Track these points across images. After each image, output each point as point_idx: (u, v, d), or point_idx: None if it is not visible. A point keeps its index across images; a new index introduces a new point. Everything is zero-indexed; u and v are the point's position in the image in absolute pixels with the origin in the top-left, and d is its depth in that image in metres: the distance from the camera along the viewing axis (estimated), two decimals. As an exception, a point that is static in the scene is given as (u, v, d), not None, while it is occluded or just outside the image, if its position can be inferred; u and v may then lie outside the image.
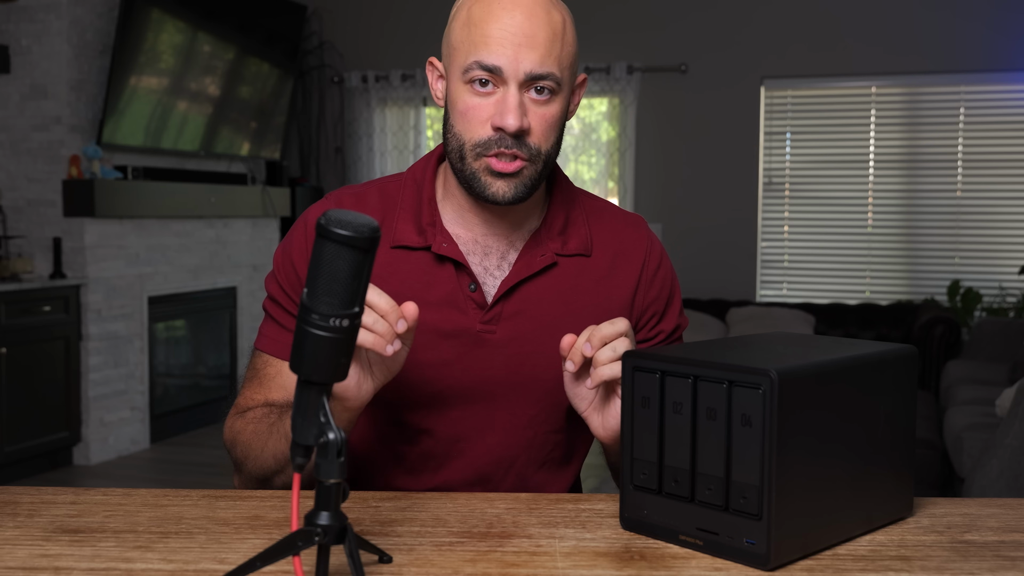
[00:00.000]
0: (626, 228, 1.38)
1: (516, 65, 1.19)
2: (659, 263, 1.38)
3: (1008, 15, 5.75)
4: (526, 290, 1.30)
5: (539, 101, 1.21)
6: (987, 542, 1.02)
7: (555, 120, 1.24)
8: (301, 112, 6.79)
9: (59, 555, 0.97)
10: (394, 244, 1.29)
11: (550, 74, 1.20)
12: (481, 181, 1.23)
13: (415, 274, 1.28)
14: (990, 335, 5.29)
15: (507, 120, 1.19)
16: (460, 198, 1.30)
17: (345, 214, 0.85)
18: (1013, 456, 2.96)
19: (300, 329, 0.86)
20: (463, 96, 1.22)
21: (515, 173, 1.22)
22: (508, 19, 1.19)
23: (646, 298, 1.36)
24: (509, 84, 1.20)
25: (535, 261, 1.30)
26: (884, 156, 6.06)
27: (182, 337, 5.74)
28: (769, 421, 0.91)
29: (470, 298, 1.28)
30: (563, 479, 1.37)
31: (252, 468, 1.27)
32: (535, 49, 1.19)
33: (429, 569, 0.93)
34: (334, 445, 0.85)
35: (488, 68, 1.19)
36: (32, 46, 4.91)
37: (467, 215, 1.31)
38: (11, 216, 4.97)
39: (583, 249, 1.33)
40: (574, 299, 1.31)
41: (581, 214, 1.36)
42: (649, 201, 6.36)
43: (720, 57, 6.19)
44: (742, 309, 5.85)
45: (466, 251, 1.30)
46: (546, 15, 1.21)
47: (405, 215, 1.30)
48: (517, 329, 1.28)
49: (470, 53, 1.21)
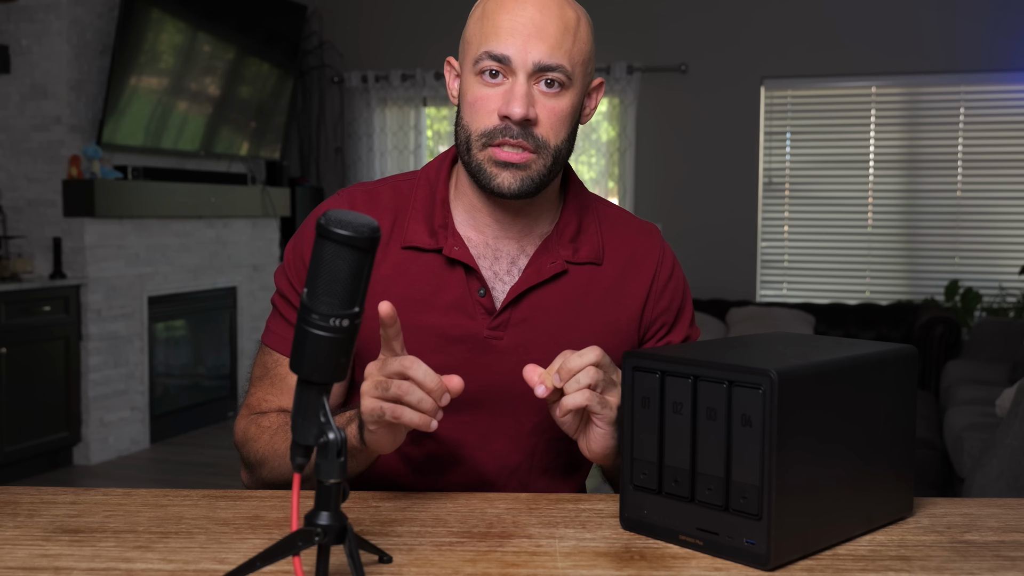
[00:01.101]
0: (638, 237, 1.37)
1: (525, 55, 1.19)
2: (671, 273, 1.37)
3: (1008, 15, 5.75)
4: (535, 297, 1.29)
5: (548, 94, 1.21)
6: (987, 542, 1.02)
7: (564, 114, 1.23)
8: (301, 112, 6.79)
9: (59, 555, 0.97)
10: (405, 245, 1.29)
11: (559, 66, 1.20)
12: (487, 172, 1.22)
13: (425, 276, 1.28)
14: (990, 335, 5.29)
15: (512, 108, 1.19)
16: (472, 197, 1.30)
17: (345, 214, 0.85)
18: (1013, 456, 2.96)
19: (300, 329, 0.86)
20: (473, 87, 1.23)
21: (522, 165, 1.21)
22: (520, 11, 1.20)
23: (656, 309, 1.35)
24: (518, 74, 1.20)
25: (545, 268, 1.29)
26: (884, 156, 6.06)
27: (182, 337, 5.74)
28: (769, 421, 0.91)
29: (479, 303, 1.27)
30: (566, 489, 1.36)
31: (267, 475, 1.27)
32: (545, 40, 1.19)
33: (429, 569, 0.93)
34: (334, 445, 0.86)
35: (497, 57, 1.20)
36: (32, 46, 4.91)
37: (479, 216, 1.30)
38: (11, 216, 4.97)
39: (594, 257, 1.32)
40: (583, 308, 1.30)
41: (594, 221, 1.35)
42: (649, 201, 6.36)
43: (720, 57, 6.19)
44: (742, 309, 5.85)
45: (477, 254, 1.29)
46: (559, 10, 1.21)
47: (417, 215, 1.30)
48: (524, 336, 1.27)
49: (481, 44, 1.21)
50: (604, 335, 1.30)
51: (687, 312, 1.39)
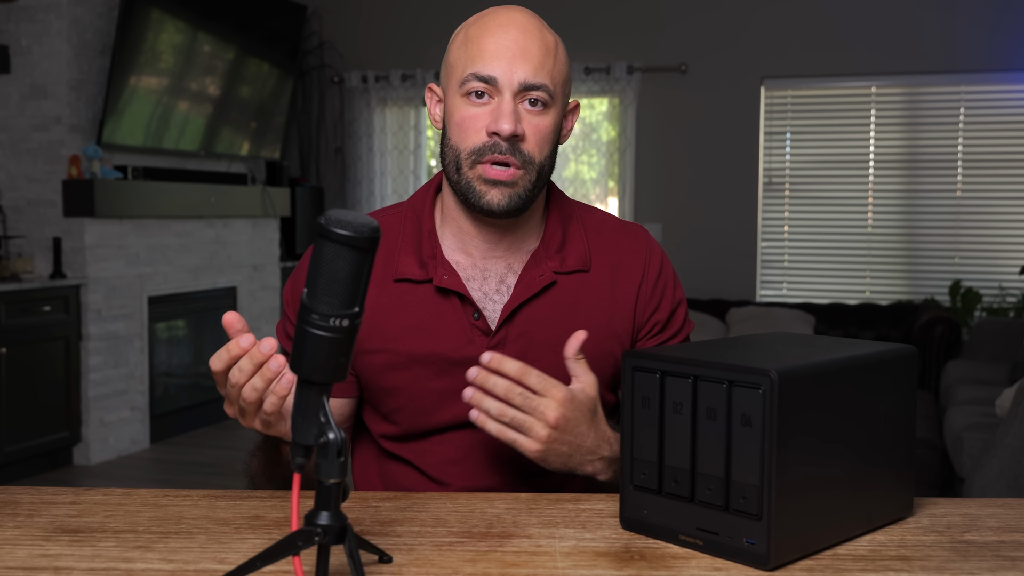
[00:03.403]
0: (624, 239, 1.39)
1: (511, 75, 1.25)
2: (659, 271, 1.39)
3: (1008, 15, 5.75)
4: (528, 312, 1.32)
5: (533, 112, 1.27)
6: (987, 542, 1.02)
7: (548, 132, 1.28)
8: (301, 112, 6.79)
9: (59, 555, 0.97)
10: (397, 278, 1.32)
11: (543, 85, 1.26)
12: (476, 190, 1.26)
13: (423, 306, 1.31)
14: (990, 335, 5.29)
15: (502, 124, 1.23)
16: (459, 220, 1.33)
17: (345, 214, 0.85)
18: (1013, 456, 2.96)
19: (300, 329, 0.86)
20: (460, 108, 1.27)
21: (510, 182, 1.25)
22: (503, 35, 1.26)
23: (648, 307, 1.37)
24: (504, 93, 1.25)
25: (534, 282, 1.32)
26: (884, 156, 6.06)
27: (182, 337, 5.74)
28: (769, 421, 0.91)
29: (475, 326, 1.31)
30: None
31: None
32: (529, 61, 1.25)
33: (429, 569, 0.93)
34: (334, 445, 0.86)
35: (483, 78, 1.25)
36: (32, 46, 4.91)
37: (466, 238, 1.33)
38: (11, 216, 4.97)
39: (582, 265, 1.35)
40: (576, 315, 1.33)
41: (579, 229, 1.38)
42: (649, 201, 6.36)
43: (720, 57, 6.19)
44: (742, 309, 5.85)
45: (466, 277, 1.33)
46: (539, 33, 1.28)
47: (407, 248, 1.33)
48: (523, 351, 1.29)
49: (467, 67, 1.26)
50: (601, 339, 1.33)
51: (680, 306, 1.41)
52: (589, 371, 1.21)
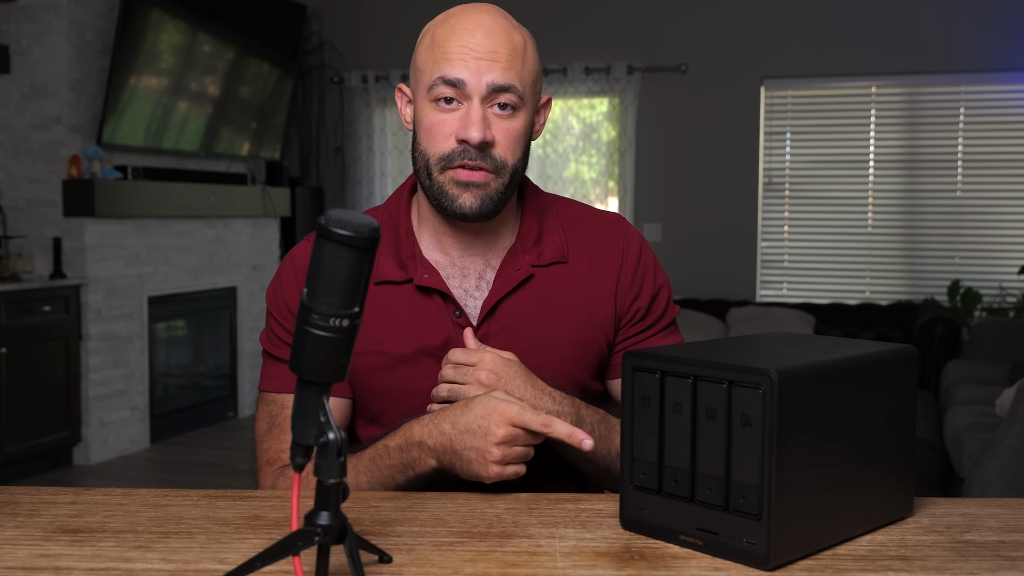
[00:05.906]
0: (601, 228, 1.40)
1: (478, 78, 1.24)
2: (638, 258, 1.39)
3: (1008, 15, 5.75)
4: (508, 306, 1.32)
5: (502, 116, 1.26)
6: (987, 542, 1.02)
7: (519, 134, 1.28)
8: (301, 112, 6.79)
9: (59, 555, 0.97)
10: (378, 280, 1.32)
11: (512, 86, 1.25)
12: (448, 194, 1.26)
13: (407, 307, 1.32)
14: (990, 335, 5.29)
15: (471, 132, 1.23)
16: (434, 221, 1.34)
17: (345, 214, 0.85)
18: (1013, 456, 2.96)
19: (300, 329, 0.86)
20: (428, 113, 1.27)
21: (482, 184, 1.26)
22: (469, 37, 1.25)
23: (628, 295, 1.38)
24: (472, 98, 1.24)
25: (512, 277, 1.33)
26: (884, 156, 6.06)
27: (182, 337, 5.74)
28: (769, 421, 0.91)
29: (457, 324, 1.31)
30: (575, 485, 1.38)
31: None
32: (496, 62, 1.24)
33: (429, 569, 0.93)
34: (334, 445, 0.86)
35: (451, 82, 1.24)
36: (32, 46, 4.91)
37: (443, 239, 1.34)
38: (11, 216, 4.97)
39: (559, 256, 1.35)
40: (557, 306, 1.34)
41: (555, 221, 1.38)
42: (649, 201, 6.36)
43: (720, 57, 6.19)
44: (742, 309, 5.85)
45: (446, 276, 1.34)
46: (506, 34, 1.26)
47: (386, 250, 1.34)
48: (506, 345, 1.30)
49: (435, 70, 1.25)
50: (582, 329, 1.34)
51: (663, 291, 1.41)
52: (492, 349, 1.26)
